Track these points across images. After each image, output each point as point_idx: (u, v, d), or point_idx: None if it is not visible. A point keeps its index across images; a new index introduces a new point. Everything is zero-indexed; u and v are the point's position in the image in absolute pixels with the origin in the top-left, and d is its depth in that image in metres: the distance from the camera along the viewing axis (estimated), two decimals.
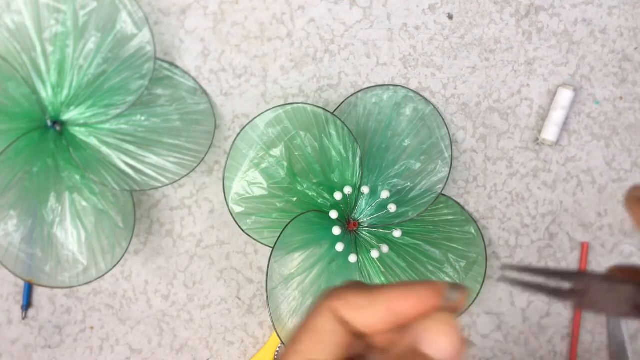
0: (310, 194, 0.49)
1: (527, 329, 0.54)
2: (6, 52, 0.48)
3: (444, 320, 0.20)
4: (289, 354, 0.21)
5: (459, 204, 0.53)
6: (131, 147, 0.50)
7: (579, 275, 0.24)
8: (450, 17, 0.54)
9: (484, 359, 0.54)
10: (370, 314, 0.21)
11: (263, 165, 0.49)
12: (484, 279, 0.51)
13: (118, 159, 0.50)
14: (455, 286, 0.21)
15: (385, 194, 0.49)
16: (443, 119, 0.52)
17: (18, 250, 0.48)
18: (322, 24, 0.54)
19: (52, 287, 0.50)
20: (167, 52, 0.54)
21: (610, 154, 0.54)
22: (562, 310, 0.54)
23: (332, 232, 0.48)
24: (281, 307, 0.48)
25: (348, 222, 0.50)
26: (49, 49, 0.48)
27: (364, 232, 0.50)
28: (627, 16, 0.54)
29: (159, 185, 0.51)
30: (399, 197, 0.50)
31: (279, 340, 0.52)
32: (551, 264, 0.54)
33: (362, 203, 0.50)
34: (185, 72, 0.53)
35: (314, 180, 0.49)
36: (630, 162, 0.54)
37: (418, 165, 0.51)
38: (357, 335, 0.22)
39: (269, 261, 0.47)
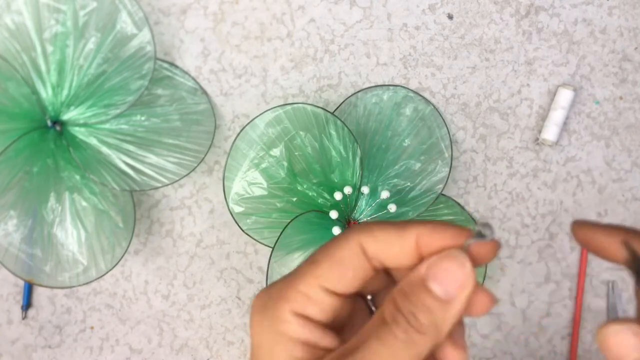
0: (310, 194, 0.49)
1: (527, 329, 0.54)
2: (6, 52, 0.48)
3: (454, 256, 0.20)
4: (307, 275, 0.21)
5: (459, 204, 0.53)
6: (131, 147, 0.50)
7: None
8: (450, 17, 0.54)
9: (484, 359, 0.54)
10: (396, 249, 0.21)
11: (263, 165, 0.49)
12: (484, 279, 0.51)
13: (118, 159, 0.50)
14: (483, 234, 0.21)
15: (385, 194, 0.49)
16: (443, 119, 0.52)
17: (18, 250, 0.48)
18: (322, 24, 0.54)
19: (52, 287, 0.50)
20: (167, 52, 0.54)
21: (610, 154, 0.54)
22: (562, 310, 0.54)
23: (332, 232, 0.48)
24: None
25: (348, 222, 0.50)
26: (49, 49, 0.48)
27: None
28: (627, 16, 0.54)
29: (159, 185, 0.51)
30: (399, 197, 0.50)
31: None
32: (551, 264, 0.54)
33: (362, 203, 0.50)
34: (185, 72, 0.53)
35: (314, 180, 0.49)
36: (630, 162, 0.54)
37: (418, 165, 0.51)
38: (378, 271, 0.22)
39: (269, 261, 0.47)
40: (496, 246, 0.21)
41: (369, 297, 0.24)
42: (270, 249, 0.47)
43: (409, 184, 0.51)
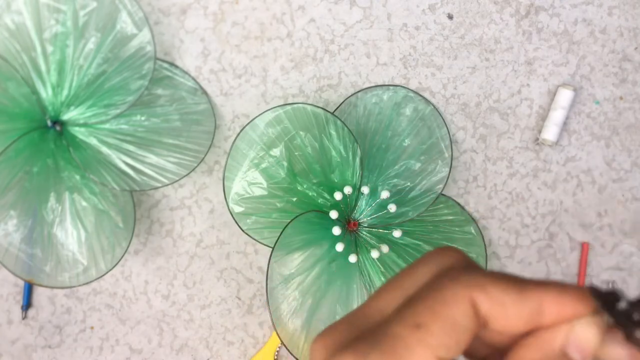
0: (310, 194, 0.49)
1: None
2: (6, 52, 0.48)
3: (593, 324, 0.19)
4: (417, 347, 0.18)
5: (459, 204, 0.53)
6: (131, 147, 0.50)
7: None
8: (450, 17, 0.54)
9: None
10: (514, 312, 0.18)
11: (263, 165, 0.49)
12: None
13: (118, 159, 0.50)
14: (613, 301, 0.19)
15: (385, 194, 0.49)
16: (443, 119, 0.52)
17: (18, 250, 0.48)
18: (322, 24, 0.54)
19: (52, 287, 0.50)
20: (167, 52, 0.54)
21: (610, 154, 0.54)
22: None
23: (332, 232, 0.48)
24: (281, 307, 0.48)
25: (348, 222, 0.50)
26: (49, 49, 0.48)
27: (364, 232, 0.50)
28: (627, 16, 0.54)
29: (159, 185, 0.51)
30: (399, 197, 0.50)
31: (279, 340, 0.52)
32: (551, 264, 0.54)
33: (362, 203, 0.50)
34: (185, 72, 0.53)
35: (314, 180, 0.49)
36: (630, 162, 0.54)
37: (418, 165, 0.51)
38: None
39: (269, 261, 0.47)
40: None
41: None
42: (270, 249, 0.47)
43: (409, 184, 0.51)
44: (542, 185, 0.54)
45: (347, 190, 0.48)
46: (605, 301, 0.19)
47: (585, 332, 0.18)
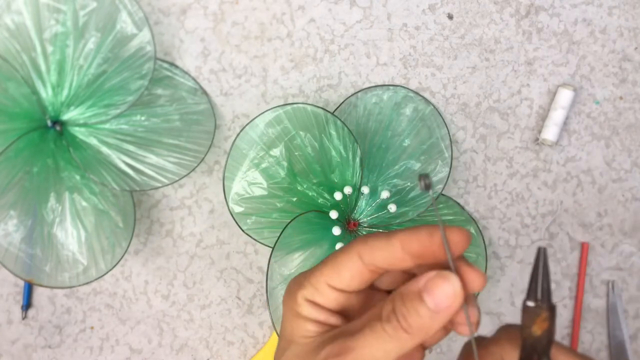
0: (310, 194, 0.49)
1: None
2: (6, 52, 0.48)
3: (448, 278, 0.23)
4: (316, 272, 0.26)
5: (459, 204, 0.53)
6: (131, 147, 0.50)
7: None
8: (450, 17, 0.54)
9: None
10: (385, 254, 0.25)
11: (263, 165, 0.49)
12: None
13: (118, 159, 0.50)
14: (453, 228, 0.24)
15: (385, 194, 0.49)
16: (443, 119, 0.52)
17: (18, 250, 0.48)
18: (322, 24, 0.54)
19: (52, 287, 0.50)
20: (167, 52, 0.54)
21: (610, 154, 0.54)
22: (562, 310, 0.54)
23: (332, 232, 0.48)
24: (281, 307, 0.48)
25: (348, 222, 0.50)
26: (49, 49, 0.48)
27: (364, 232, 0.50)
28: (627, 16, 0.54)
29: (159, 185, 0.51)
30: (399, 197, 0.50)
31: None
32: (551, 264, 0.54)
33: (362, 203, 0.50)
34: (185, 72, 0.53)
35: (314, 180, 0.49)
36: (630, 162, 0.54)
37: (418, 165, 0.51)
38: (378, 273, 0.26)
39: (269, 261, 0.47)
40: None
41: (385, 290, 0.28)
42: (270, 249, 0.47)
43: (409, 184, 0.51)
44: (542, 185, 0.54)
45: (347, 190, 0.48)
46: (424, 184, 0.25)
47: (441, 282, 0.23)
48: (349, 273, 0.25)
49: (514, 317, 0.54)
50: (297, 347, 0.25)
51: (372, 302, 0.28)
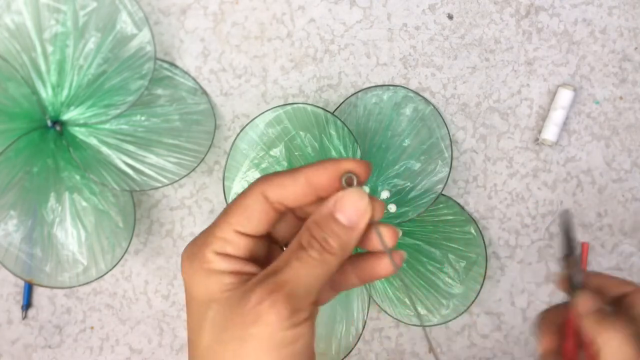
0: None
1: (527, 329, 0.54)
2: (6, 52, 0.48)
3: (355, 192, 0.25)
4: (220, 224, 0.26)
5: (458, 204, 0.53)
6: (131, 147, 0.50)
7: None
8: (450, 17, 0.54)
9: (484, 359, 0.54)
10: (292, 190, 0.25)
11: (263, 165, 0.49)
12: (484, 279, 0.51)
13: (118, 159, 0.50)
14: (353, 162, 0.26)
15: (385, 194, 0.49)
16: (443, 119, 0.52)
17: (18, 250, 0.48)
18: (322, 24, 0.54)
19: (52, 287, 0.50)
20: (167, 52, 0.54)
21: (610, 154, 0.54)
22: None
23: None
24: None
25: None
26: (49, 49, 0.48)
27: None
28: (627, 16, 0.54)
29: (159, 185, 0.51)
30: (399, 197, 0.50)
31: None
32: (551, 264, 0.54)
33: None
34: (185, 72, 0.53)
35: None
36: (630, 162, 0.54)
37: (418, 165, 0.51)
38: (283, 213, 0.27)
39: None
40: (362, 164, 0.26)
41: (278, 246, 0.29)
42: None
43: (409, 184, 0.51)
44: (542, 185, 0.54)
45: None
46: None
47: (349, 197, 0.25)
48: (256, 215, 0.25)
49: (514, 317, 0.54)
50: (220, 304, 0.25)
51: (274, 253, 0.28)
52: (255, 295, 0.23)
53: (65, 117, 0.49)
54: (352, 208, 0.24)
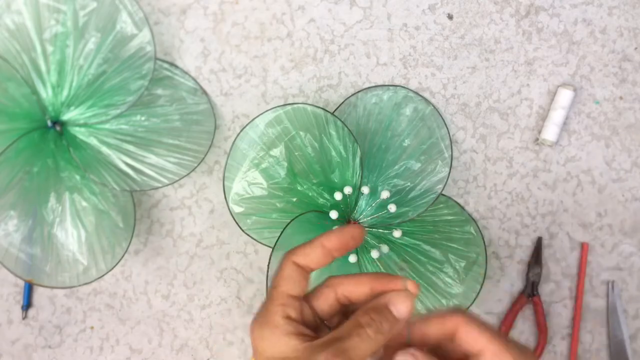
0: (310, 194, 0.49)
1: (527, 329, 0.54)
2: (6, 52, 0.48)
3: (404, 295, 0.31)
4: (276, 295, 0.32)
5: (458, 204, 0.53)
6: (131, 147, 0.50)
7: None
8: (450, 17, 0.54)
9: None
10: (313, 256, 0.33)
11: (263, 166, 0.49)
12: (484, 279, 0.51)
13: (118, 159, 0.50)
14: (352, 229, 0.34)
15: (385, 194, 0.49)
16: (443, 119, 0.52)
17: (18, 250, 0.48)
18: (322, 24, 0.54)
19: (52, 287, 0.50)
20: (167, 52, 0.54)
21: (610, 154, 0.54)
22: (562, 310, 0.54)
23: None
24: None
25: (348, 222, 0.50)
26: (49, 49, 0.48)
27: None
28: (627, 16, 0.54)
29: (159, 185, 0.51)
30: (399, 197, 0.50)
31: None
32: (551, 264, 0.54)
33: (362, 203, 0.50)
34: (185, 72, 0.53)
35: (314, 181, 0.49)
36: (630, 162, 0.54)
37: (418, 165, 0.51)
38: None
39: (269, 261, 0.47)
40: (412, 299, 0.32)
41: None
42: (270, 249, 0.47)
43: (409, 184, 0.51)
44: (542, 185, 0.54)
45: (347, 190, 0.48)
46: None
47: (402, 299, 0.31)
48: (297, 278, 0.33)
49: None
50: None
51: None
52: (322, 356, 0.29)
53: (65, 117, 0.49)
54: (402, 305, 0.31)
